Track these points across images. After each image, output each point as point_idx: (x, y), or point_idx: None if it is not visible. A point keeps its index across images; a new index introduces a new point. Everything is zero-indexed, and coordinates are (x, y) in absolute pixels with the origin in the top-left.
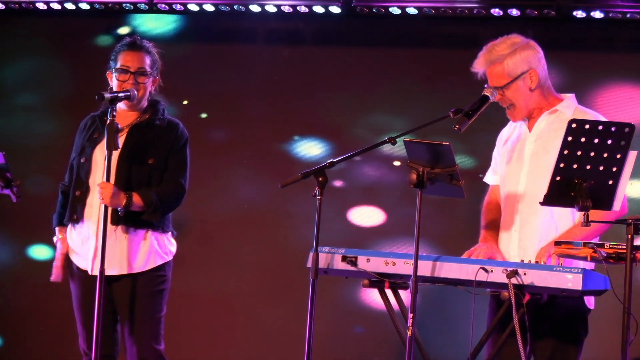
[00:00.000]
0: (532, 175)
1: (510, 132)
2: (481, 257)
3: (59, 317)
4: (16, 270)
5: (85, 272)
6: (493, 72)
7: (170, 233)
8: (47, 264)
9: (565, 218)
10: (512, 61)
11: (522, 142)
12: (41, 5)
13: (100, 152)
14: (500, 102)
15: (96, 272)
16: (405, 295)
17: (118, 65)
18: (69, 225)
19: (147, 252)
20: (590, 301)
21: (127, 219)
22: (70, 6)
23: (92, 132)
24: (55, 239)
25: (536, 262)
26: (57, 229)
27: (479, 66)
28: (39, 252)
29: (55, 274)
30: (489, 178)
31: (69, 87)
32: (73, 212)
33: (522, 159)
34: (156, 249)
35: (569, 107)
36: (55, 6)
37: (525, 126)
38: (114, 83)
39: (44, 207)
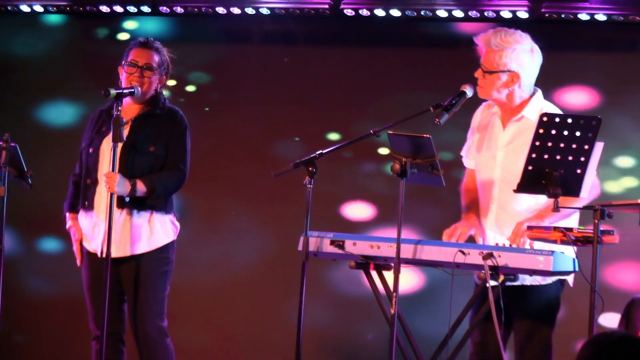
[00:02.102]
0: (504, 183)
1: (484, 119)
2: (462, 233)
3: (70, 301)
4: (26, 261)
5: (95, 255)
6: (488, 54)
7: (172, 215)
8: (56, 255)
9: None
10: (507, 56)
11: (495, 139)
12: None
13: (107, 144)
14: (478, 79)
15: (105, 255)
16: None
17: (128, 60)
18: (80, 212)
19: (150, 233)
20: (570, 279)
21: (131, 202)
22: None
23: (100, 125)
24: (68, 225)
25: (510, 245)
26: (68, 215)
27: (481, 42)
28: (48, 243)
29: (79, 258)
30: (466, 161)
31: (79, 83)
32: (84, 200)
33: (494, 158)
34: (159, 229)
35: (534, 111)
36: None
37: (498, 120)
38: (123, 76)
39: (54, 199)
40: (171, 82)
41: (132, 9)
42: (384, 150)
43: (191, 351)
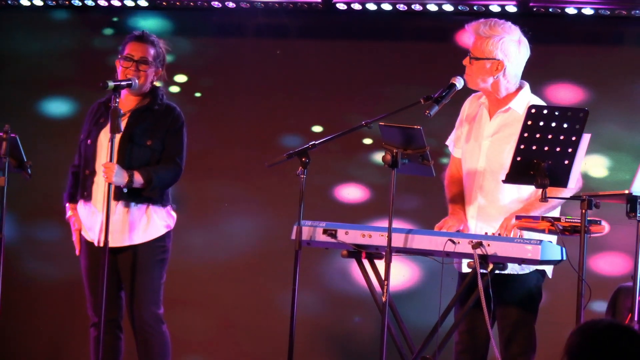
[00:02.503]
0: (488, 172)
1: (473, 110)
2: (450, 227)
3: (69, 288)
4: (26, 249)
5: (92, 243)
6: (477, 41)
7: (169, 207)
8: (56, 243)
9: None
10: (494, 44)
11: (481, 129)
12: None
13: (105, 135)
14: (466, 67)
15: (102, 244)
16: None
17: (124, 54)
18: (79, 202)
19: (147, 225)
20: (549, 271)
21: (129, 194)
22: (77, 3)
23: (98, 117)
24: (67, 215)
25: (499, 234)
26: (67, 205)
27: (471, 29)
28: (45, 229)
29: (78, 248)
30: (454, 150)
31: (75, 75)
32: (83, 190)
33: (479, 148)
34: (156, 221)
35: (521, 103)
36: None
37: (486, 111)
38: (119, 70)
39: (53, 189)
40: (158, 84)
41: (129, 2)
42: (368, 141)
43: (186, 338)
